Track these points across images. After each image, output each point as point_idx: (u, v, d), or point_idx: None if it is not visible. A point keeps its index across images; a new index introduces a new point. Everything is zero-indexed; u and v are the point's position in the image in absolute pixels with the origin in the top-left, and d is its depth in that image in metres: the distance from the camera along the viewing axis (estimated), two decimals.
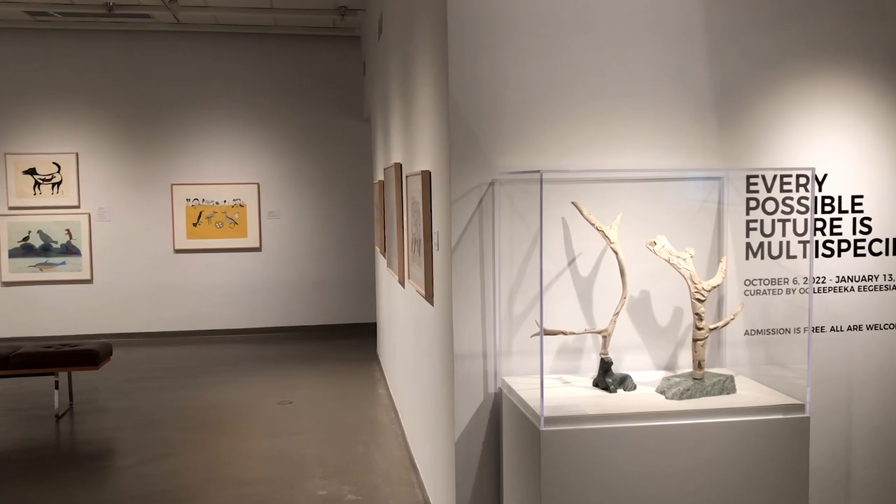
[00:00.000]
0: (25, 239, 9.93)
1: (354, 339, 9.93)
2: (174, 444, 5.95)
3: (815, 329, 3.62)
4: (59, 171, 9.98)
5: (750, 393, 3.14)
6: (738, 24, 3.48)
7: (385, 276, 7.33)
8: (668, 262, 3.19)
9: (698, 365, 3.15)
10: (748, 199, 3.51)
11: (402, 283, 5.64)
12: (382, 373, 7.98)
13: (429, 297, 4.17)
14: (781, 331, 3.56)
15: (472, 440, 3.47)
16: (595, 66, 3.40)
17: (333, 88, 10.45)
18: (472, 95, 3.35)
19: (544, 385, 2.88)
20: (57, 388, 6.67)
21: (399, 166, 5.59)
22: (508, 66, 3.35)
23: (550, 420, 2.83)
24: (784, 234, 3.52)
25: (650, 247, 3.22)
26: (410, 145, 4.98)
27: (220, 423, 6.54)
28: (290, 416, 6.64)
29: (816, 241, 3.61)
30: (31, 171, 9.94)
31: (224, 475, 5.26)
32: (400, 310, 5.99)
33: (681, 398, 3.03)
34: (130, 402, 7.16)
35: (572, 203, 3.29)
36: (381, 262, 7.68)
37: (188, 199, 10.19)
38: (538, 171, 2.98)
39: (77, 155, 10.01)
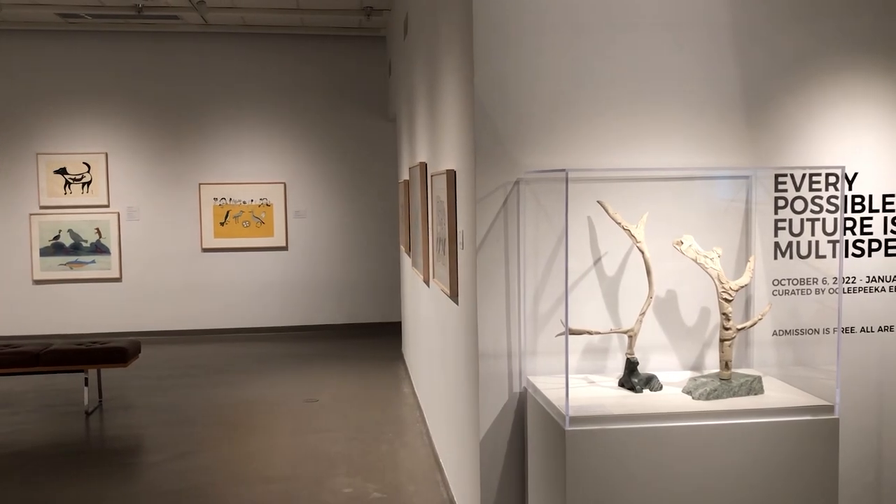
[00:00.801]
0: (56, 238, 10.08)
1: (379, 338, 9.96)
2: (202, 440, 6.01)
3: (845, 329, 3.57)
4: (88, 171, 10.12)
5: (778, 394, 3.11)
6: (766, 21, 3.45)
7: (410, 275, 7.35)
8: (695, 261, 3.17)
9: (725, 365, 3.12)
10: (776, 198, 3.47)
11: (426, 282, 5.65)
12: (407, 371, 8.00)
13: (453, 296, 4.17)
14: (810, 331, 3.52)
15: (497, 439, 3.47)
16: (622, 64, 3.38)
17: (359, 88, 10.49)
18: (498, 94, 3.35)
19: (569, 385, 2.88)
20: (87, 384, 6.76)
21: (424, 165, 5.60)
22: (534, 66, 3.35)
23: (576, 420, 2.82)
24: (813, 234, 3.48)
25: (677, 246, 3.20)
26: (435, 144, 4.99)
27: (247, 421, 6.60)
28: (316, 413, 6.68)
29: (846, 241, 3.56)
30: (62, 171, 10.08)
31: (251, 472, 5.31)
32: (425, 309, 6.00)
33: (707, 399, 3.01)
34: (159, 399, 7.24)
35: (598, 202, 3.28)
36: (406, 261, 7.70)
37: (215, 199, 10.28)
38: (564, 170, 2.97)
39: (106, 155, 10.14)
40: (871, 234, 3.57)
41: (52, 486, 5.14)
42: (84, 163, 10.10)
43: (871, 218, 3.57)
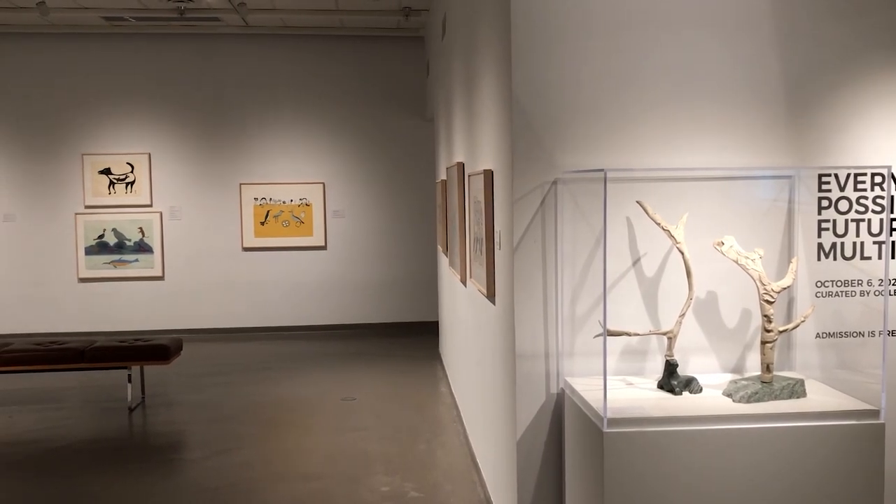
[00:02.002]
0: (100, 237, 10.27)
1: (417, 337, 9.99)
2: (242, 437, 6.09)
3: (891, 332, 3.50)
4: (132, 171, 10.29)
5: (821, 397, 3.05)
6: (808, 17, 3.39)
7: (447, 274, 7.36)
8: (737, 262, 3.13)
9: (767, 368, 3.08)
10: (820, 199, 3.41)
11: (464, 282, 5.65)
12: (444, 371, 8.01)
13: (491, 296, 4.17)
14: (855, 334, 3.46)
15: (534, 440, 3.46)
16: (661, 63, 3.35)
17: (397, 89, 10.53)
18: (536, 94, 3.34)
19: (608, 386, 2.86)
20: (130, 381, 6.88)
21: (461, 166, 5.61)
22: (572, 65, 3.33)
23: (614, 422, 2.80)
24: (858, 235, 3.41)
25: (718, 247, 3.16)
26: (473, 145, 4.99)
27: (286, 418, 6.66)
28: (353, 412, 6.72)
29: (893, 242, 3.48)
30: (106, 171, 10.27)
31: (290, 469, 5.36)
32: (462, 309, 6.00)
33: (748, 401, 2.97)
34: (200, 396, 7.35)
35: (637, 202, 3.25)
36: (444, 260, 7.71)
37: (256, 199, 10.40)
38: (602, 170, 2.95)
39: (149, 155, 10.31)
40: None
41: (96, 480, 5.24)
42: (128, 163, 10.28)
43: None
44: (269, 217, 10.42)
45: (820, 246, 3.42)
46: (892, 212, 3.47)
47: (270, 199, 10.42)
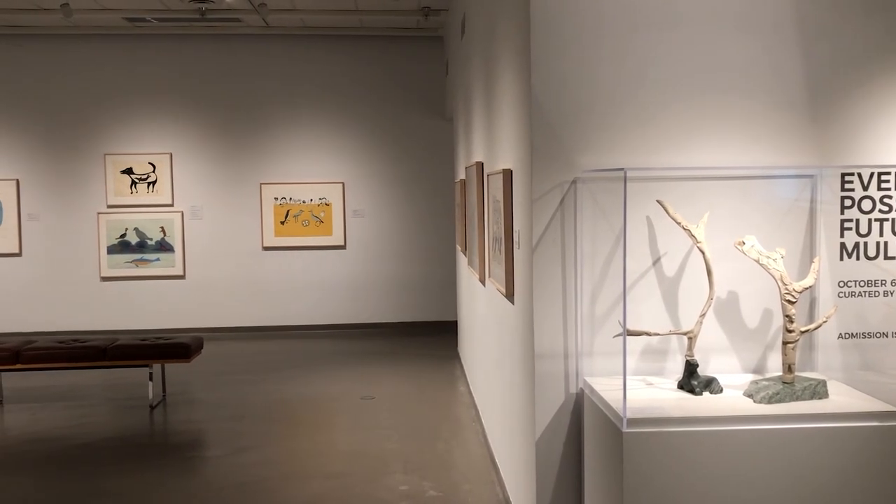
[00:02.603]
0: (122, 236, 10.36)
1: (435, 336, 10.00)
2: (261, 435, 6.12)
3: None
4: (154, 171, 10.38)
5: (843, 398, 3.02)
6: (832, 14, 3.35)
7: (466, 274, 7.36)
8: (758, 262, 3.11)
9: (788, 368, 3.05)
10: (843, 198, 3.37)
11: (482, 281, 5.65)
12: (463, 370, 8.01)
13: (509, 295, 4.16)
14: (878, 334, 3.41)
15: (553, 440, 3.46)
16: (681, 62, 3.33)
17: (416, 88, 10.55)
18: (555, 93, 3.33)
19: (627, 386, 2.85)
20: (151, 379, 6.94)
21: (480, 165, 5.60)
22: (592, 64, 3.32)
23: (633, 422, 2.79)
24: (882, 234, 3.37)
25: (739, 246, 3.14)
26: (492, 144, 4.99)
27: (305, 417, 6.69)
28: (372, 411, 6.74)
29: None
30: (128, 171, 10.36)
31: (308, 467, 5.38)
32: (480, 308, 6.00)
33: (769, 402, 2.94)
34: (220, 394, 7.40)
35: (657, 201, 3.24)
36: (462, 260, 7.70)
37: (276, 198, 10.45)
38: (622, 169, 2.94)
39: (171, 155, 10.39)
40: None
41: (117, 477, 5.28)
42: (150, 163, 10.37)
43: None
44: (290, 216, 10.47)
45: (843, 245, 3.39)
46: None
47: (290, 199, 10.47)
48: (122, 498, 4.94)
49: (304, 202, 10.48)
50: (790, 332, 3.05)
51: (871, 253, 3.38)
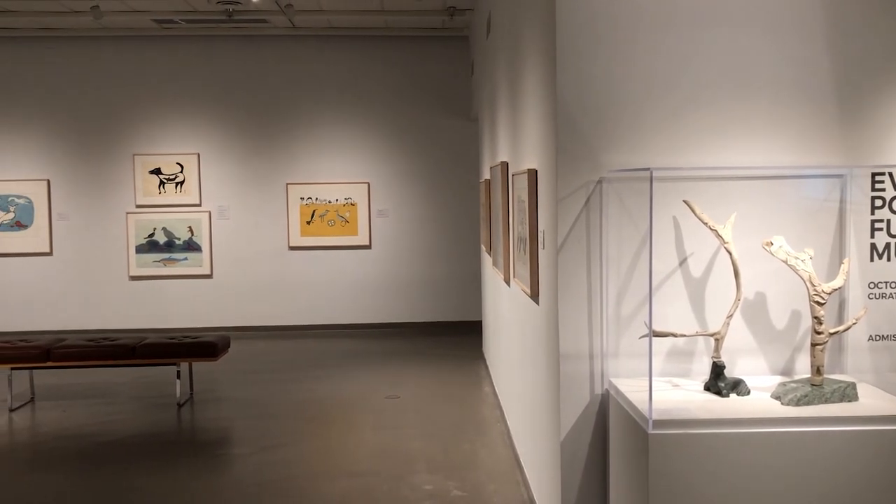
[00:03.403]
0: (151, 235, 10.48)
1: (460, 336, 10.00)
2: (286, 434, 6.16)
3: None
4: (182, 171, 10.48)
5: (873, 401, 2.98)
6: (860, 12, 3.31)
7: (491, 274, 7.35)
8: (786, 263, 3.08)
9: (817, 370, 3.02)
10: (873, 198, 3.32)
11: (507, 281, 5.64)
12: (488, 370, 8.00)
13: (534, 296, 4.16)
14: None
15: (578, 441, 3.45)
16: (708, 61, 3.30)
17: (442, 88, 10.56)
18: (580, 93, 3.32)
19: (653, 387, 2.83)
20: (179, 377, 7.01)
21: (505, 165, 5.60)
22: (617, 63, 3.31)
23: (659, 423, 2.77)
24: None
25: (766, 247, 3.11)
26: (517, 144, 4.98)
27: (330, 416, 6.72)
28: (397, 410, 6.75)
29: None
30: (157, 171, 10.48)
31: (333, 466, 5.41)
32: (505, 308, 5.99)
33: (798, 404, 2.91)
34: (246, 393, 7.45)
35: (684, 202, 3.22)
36: (487, 260, 7.70)
37: (302, 198, 10.51)
38: (648, 169, 2.92)
39: (199, 155, 10.49)
40: None
41: (146, 474, 5.35)
42: (177, 163, 10.47)
43: None
44: (315, 216, 10.53)
45: (873, 246, 3.34)
46: None
47: (316, 199, 10.52)
48: (151, 494, 4.99)
49: (329, 202, 10.53)
50: (819, 333, 3.02)
51: None
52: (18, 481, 5.33)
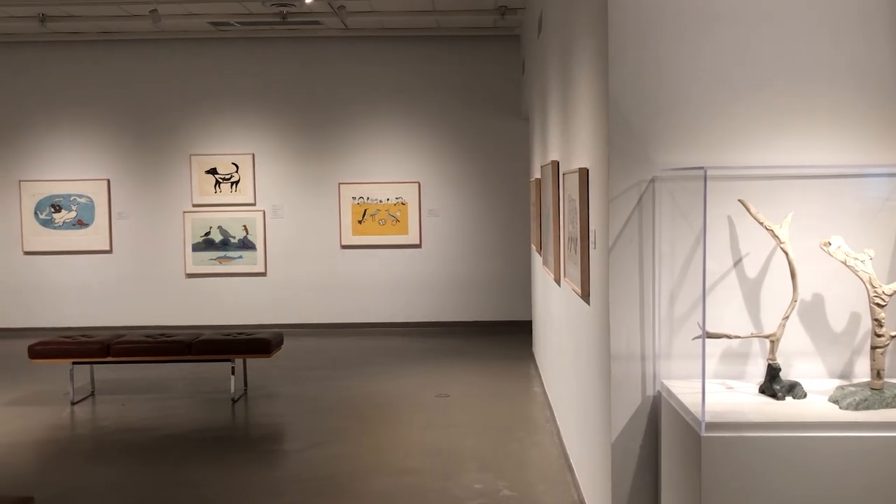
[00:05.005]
0: (207, 234, 10.68)
1: (510, 336, 9.98)
2: (337, 430, 6.22)
3: None
4: (237, 171, 10.66)
5: None
6: None
7: (541, 274, 7.32)
8: (845, 263, 3.01)
9: (877, 374, 2.94)
10: None
11: (557, 281, 5.62)
12: (538, 370, 7.97)
13: (585, 296, 4.13)
14: None
15: (630, 443, 3.41)
16: (764, 56, 3.24)
17: (492, 87, 10.54)
18: (633, 91, 3.29)
19: (706, 389, 2.79)
20: (233, 373, 7.14)
21: (556, 164, 5.57)
22: (670, 61, 3.27)
23: (712, 426, 2.73)
24: None
25: (824, 247, 3.04)
26: (568, 143, 4.95)
27: (380, 413, 6.77)
28: (447, 409, 6.77)
29: None
30: (213, 171, 10.67)
31: (384, 463, 5.45)
32: (555, 308, 5.96)
33: (857, 409, 2.84)
34: (298, 389, 7.55)
35: (739, 201, 3.17)
36: (537, 259, 7.67)
37: (354, 198, 10.60)
38: (702, 168, 2.88)
39: (253, 156, 10.65)
40: None
41: (200, 468, 5.45)
42: (233, 163, 10.66)
43: None
44: (367, 216, 10.61)
45: None
46: None
47: (368, 198, 10.60)
48: (205, 488, 5.09)
49: (380, 201, 10.60)
50: (879, 336, 2.94)
51: None
52: (79, 472, 5.48)
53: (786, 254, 3.08)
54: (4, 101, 10.68)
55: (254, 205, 10.68)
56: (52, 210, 10.68)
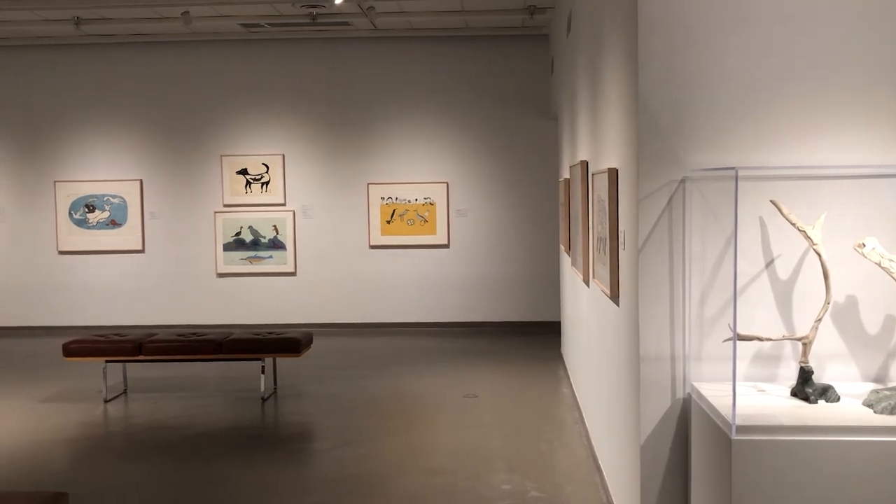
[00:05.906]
0: (237, 234, 10.78)
1: (538, 336, 9.95)
2: (366, 430, 6.25)
3: None
4: (267, 172, 10.74)
5: None
6: None
7: (569, 274, 7.29)
8: (879, 265, 2.96)
9: None
10: None
11: (586, 282, 5.59)
12: (566, 371, 7.94)
13: (614, 297, 4.11)
14: None
15: (659, 445, 3.39)
16: (796, 55, 3.20)
17: (521, 87, 10.52)
18: (662, 91, 3.27)
19: (737, 392, 2.76)
20: (263, 372, 7.19)
21: (585, 164, 5.55)
22: (700, 60, 3.24)
23: (743, 429, 2.70)
24: None
25: (858, 249, 3.00)
26: (597, 143, 4.93)
27: (409, 413, 6.79)
28: (475, 409, 6.77)
29: None
30: (243, 172, 10.77)
31: (412, 463, 5.46)
32: (584, 309, 5.94)
33: (891, 413, 2.79)
34: (328, 389, 7.59)
35: (771, 201, 3.13)
36: (566, 260, 7.64)
37: (382, 198, 10.64)
38: (733, 168, 2.85)
39: (283, 156, 10.73)
40: None
41: (230, 466, 5.51)
42: (263, 164, 10.74)
43: None
44: (395, 216, 10.64)
45: None
46: None
47: (396, 199, 10.63)
48: (235, 485, 5.14)
49: (409, 202, 10.63)
50: None
51: None
52: (112, 469, 5.56)
53: (818, 255, 3.04)
54: (40, 102, 10.86)
55: (284, 205, 10.76)
56: (86, 210, 10.84)
